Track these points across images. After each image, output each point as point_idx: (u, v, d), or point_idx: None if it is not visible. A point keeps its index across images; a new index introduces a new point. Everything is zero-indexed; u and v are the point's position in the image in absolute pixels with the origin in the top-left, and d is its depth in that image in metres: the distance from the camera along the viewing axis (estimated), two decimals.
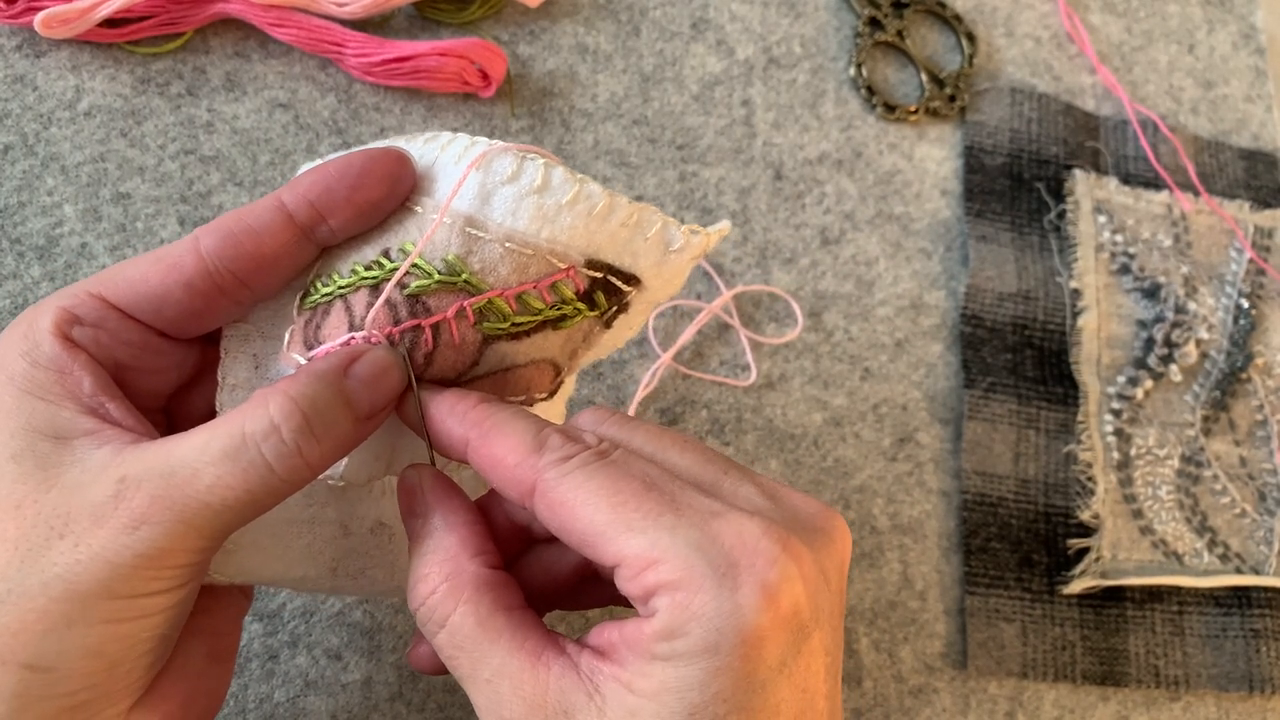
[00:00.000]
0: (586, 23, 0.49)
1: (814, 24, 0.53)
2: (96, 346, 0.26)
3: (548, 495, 0.25)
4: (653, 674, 0.23)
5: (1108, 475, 0.48)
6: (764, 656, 0.23)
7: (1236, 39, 0.60)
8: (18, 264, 0.39)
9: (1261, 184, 0.56)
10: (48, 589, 0.23)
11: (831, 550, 0.26)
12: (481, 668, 0.25)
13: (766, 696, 0.23)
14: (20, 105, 0.41)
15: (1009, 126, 0.53)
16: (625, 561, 0.24)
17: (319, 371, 0.26)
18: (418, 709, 0.38)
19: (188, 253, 0.26)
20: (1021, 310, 0.50)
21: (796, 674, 0.24)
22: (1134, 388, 0.49)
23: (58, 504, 0.24)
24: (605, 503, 0.24)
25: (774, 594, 0.23)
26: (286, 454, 0.24)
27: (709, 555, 0.23)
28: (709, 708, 0.23)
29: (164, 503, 0.24)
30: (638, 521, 0.24)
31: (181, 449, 0.24)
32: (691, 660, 0.23)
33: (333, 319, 0.28)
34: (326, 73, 0.45)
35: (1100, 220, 0.52)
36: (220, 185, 0.42)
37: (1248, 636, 0.47)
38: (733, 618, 0.23)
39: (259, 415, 0.24)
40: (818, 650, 0.25)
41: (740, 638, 0.23)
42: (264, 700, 0.37)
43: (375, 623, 0.38)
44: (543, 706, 0.24)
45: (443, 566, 0.26)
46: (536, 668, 0.24)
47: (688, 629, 0.23)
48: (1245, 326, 0.51)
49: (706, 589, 0.23)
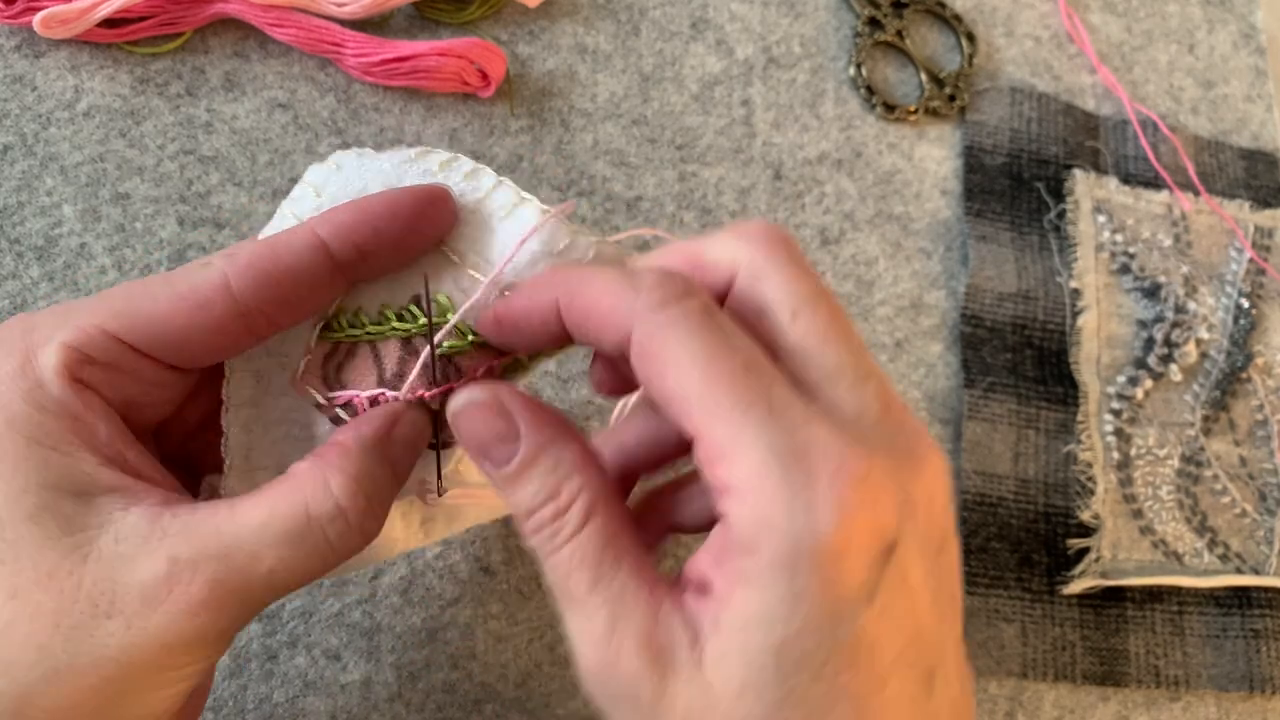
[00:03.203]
0: (586, 23, 0.49)
1: (813, 24, 0.53)
2: (110, 388, 0.24)
3: (642, 343, 0.22)
4: (736, 604, 0.21)
5: (1108, 475, 0.47)
6: (845, 579, 0.21)
7: (1237, 38, 0.60)
8: (17, 264, 0.39)
9: (1261, 184, 0.56)
10: (99, 668, 0.22)
11: (920, 479, 0.23)
12: (598, 591, 0.23)
13: (858, 631, 0.21)
14: (19, 105, 0.41)
15: (1009, 126, 0.53)
16: (702, 440, 0.22)
17: (369, 443, 0.25)
18: (417, 709, 0.38)
19: (216, 291, 0.24)
20: (1021, 310, 0.50)
21: (890, 608, 0.22)
22: (1134, 387, 0.49)
23: (99, 579, 0.22)
24: (699, 372, 0.22)
25: (851, 511, 0.21)
26: (350, 534, 0.24)
27: (786, 462, 0.21)
28: (797, 643, 0.21)
29: (224, 588, 0.23)
30: (725, 405, 0.21)
31: (237, 528, 0.23)
32: (772, 581, 0.21)
33: (359, 364, 0.27)
34: (326, 73, 0.45)
35: (1100, 220, 0.52)
36: (219, 185, 0.42)
37: (1248, 636, 0.47)
38: (807, 531, 0.21)
39: (323, 497, 0.23)
40: (910, 581, 0.22)
41: (816, 555, 0.21)
42: (263, 701, 0.37)
43: (374, 623, 0.38)
44: (650, 641, 0.22)
45: (569, 480, 0.23)
46: (652, 600, 0.22)
47: (760, 541, 0.21)
48: (1245, 326, 0.51)
49: (779, 498, 0.21)
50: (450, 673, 0.38)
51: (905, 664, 0.22)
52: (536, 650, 0.40)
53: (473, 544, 0.40)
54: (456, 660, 0.39)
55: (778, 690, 0.21)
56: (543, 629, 0.40)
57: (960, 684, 0.24)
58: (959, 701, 0.24)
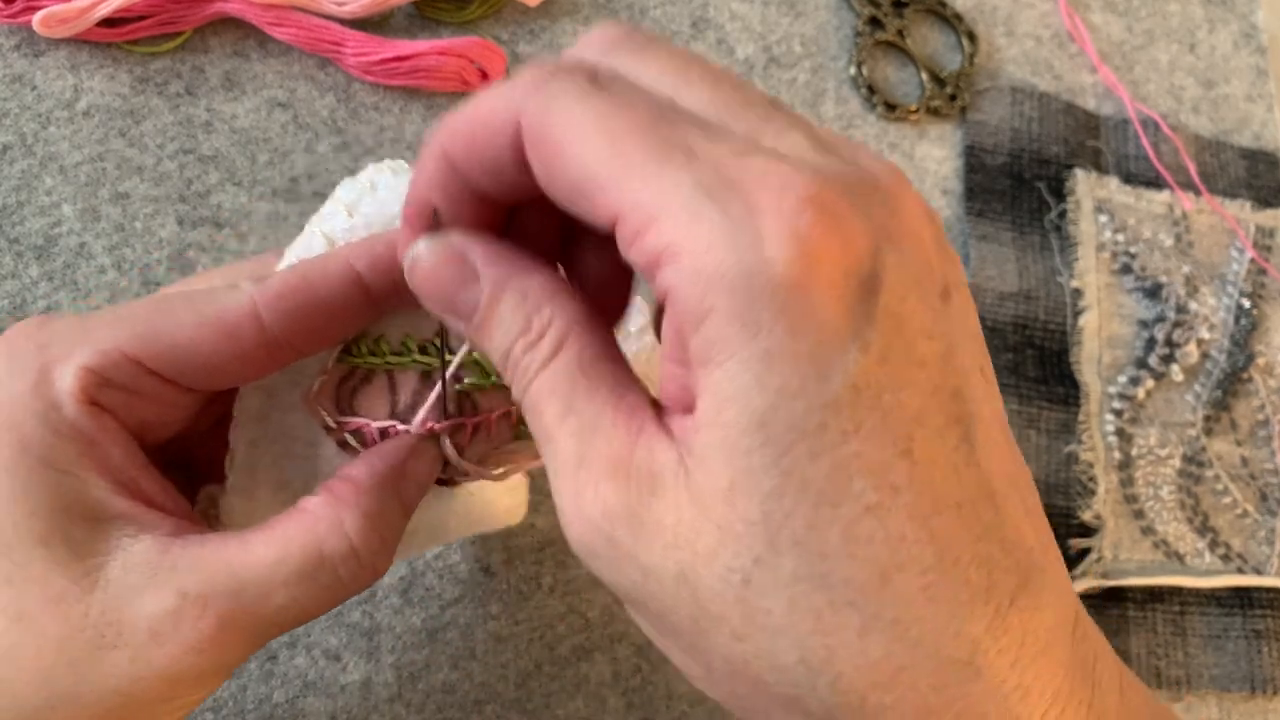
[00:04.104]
0: (586, 22, 0.49)
1: (814, 23, 0.53)
2: (126, 411, 0.23)
3: (533, 134, 0.19)
4: (707, 392, 0.18)
5: (1109, 475, 0.47)
6: (818, 316, 0.17)
7: (1238, 38, 0.60)
8: (16, 264, 0.39)
9: (1263, 183, 0.56)
10: (104, 700, 0.22)
11: (896, 212, 0.19)
12: (569, 420, 0.20)
13: (855, 379, 0.17)
14: (19, 105, 0.41)
15: (1010, 126, 0.53)
16: (624, 216, 0.18)
17: (383, 480, 0.24)
18: (417, 710, 0.38)
19: (245, 319, 0.23)
20: (1022, 310, 0.50)
21: (891, 352, 0.17)
22: (1135, 387, 0.49)
23: (105, 609, 0.22)
24: (601, 139, 0.18)
25: (806, 235, 0.17)
26: (362, 573, 0.24)
27: (720, 199, 0.17)
28: (782, 411, 0.17)
29: (234, 625, 0.22)
30: (639, 163, 0.18)
31: (248, 564, 0.22)
32: (735, 344, 0.17)
33: (373, 391, 0.26)
34: (325, 72, 0.45)
35: (1101, 220, 0.51)
36: (219, 185, 0.42)
37: (1249, 637, 0.47)
38: (759, 269, 0.17)
39: (337, 537, 0.23)
40: (910, 324, 0.18)
41: (776, 296, 0.17)
42: (263, 701, 0.37)
43: (374, 623, 0.38)
44: (626, 464, 0.19)
45: (538, 311, 0.21)
46: (630, 425, 0.19)
47: (708, 301, 0.17)
48: (1246, 326, 0.51)
49: (718, 245, 0.17)
50: (450, 673, 0.38)
51: (931, 424, 0.18)
52: (536, 650, 0.39)
53: (473, 544, 0.40)
54: (456, 660, 0.39)
55: (772, 476, 0.17)
56: (543, 629, 0.40)
57: (1010, 451, 0.20)
58: (1014, 475, 0.19)
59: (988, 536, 0.18)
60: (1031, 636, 0.19)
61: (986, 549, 0.18)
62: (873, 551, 0.17)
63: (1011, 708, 0.18)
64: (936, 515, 0.18)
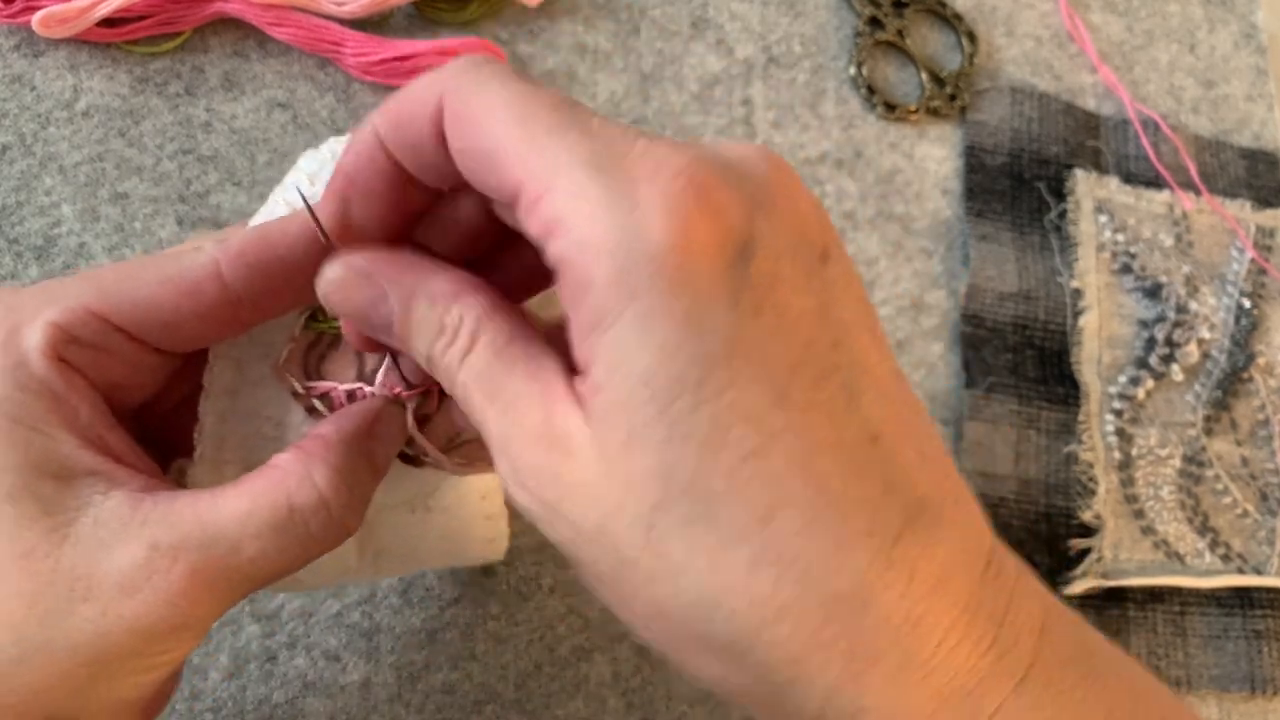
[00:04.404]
0: (586, 22, 0.49)
1: (814, 23, 0.53)
2: (93, 369, 0.24)
3: (452, 109, 0.21)
4: (599, 357, 0.19)
5: (1109, 475, 0.47)
6: (694, 281, 0.18)
7: (1238, 38, 0.60)
8: (15, 264, 0.39)
9: (1263, 183, 0.56)
10: (75, 653, 0.22)
11: (769, 186, 0.20)
12: (496, 399, 0.21)
13: (730, 337, 0.18)
14: (18, 105, 0.41)
15: (1010, 126, 0.53)
16: (524, 187, 0.20)
17: (351, 438, 0.25)
18: (417, 710, 0.38)
19: (207, 277, 0.24)
20: (1022, 310, 0.49)
21: (764, 310, 0.19)
22: (1135, 387, 0.49)
23: (75, 563, 0.22)
24: (511, 113, 0.20)
25: (681, 204, 0.18)
26: (331, 525, 0.24)
27: (604, 171, 0.19)
28: (664, 367, 0.18)
29: (203, 577, 0.22)
30: (541, 135, 0.19)
31: (219, 517, 0.23)
32: (617, 310, 0.18)
33: (340, 357, 0.27)
34: (325, 72, 0.45)
35: (1101, 220, 0.51)
36: (218, 185, 0.42)
37: (1249, 637, 0.47)
38: (636, 238, 0.18)
39: (306, 489, 0.23)
40: (785, 286, 0.19)
41: (654, 262, 0.18)
42: (263, 701, 0.37)
43: (374, 624, 0.38)
44: (547, 433, 0.20)
45: (448, 311, 0.22)
46: (546, 397, 0.20)
47: (592, 269, 0.19)
48: (1247, 326, 0.51)
49: (600, 215, 0.18)
50: (450, 673, 0.38)
51: (808, 374, 0.19)
52: (536, 650, 0.39)
53: None
54: (456, 661, 0.39)
55: (660, 427, 0.18)
56: (543, 629, 0.40)
57: (904, 401, 0.21)
58: (908, 423, 0.21)
59: (868, 476, 0.19)
60: (922, 574, 0.19)
61: (867, 489, 0.19)
62: (754, 493, 0.19)
63: (902, 640, 0.19)
64: (815, 457, 0.19)
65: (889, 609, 0.19)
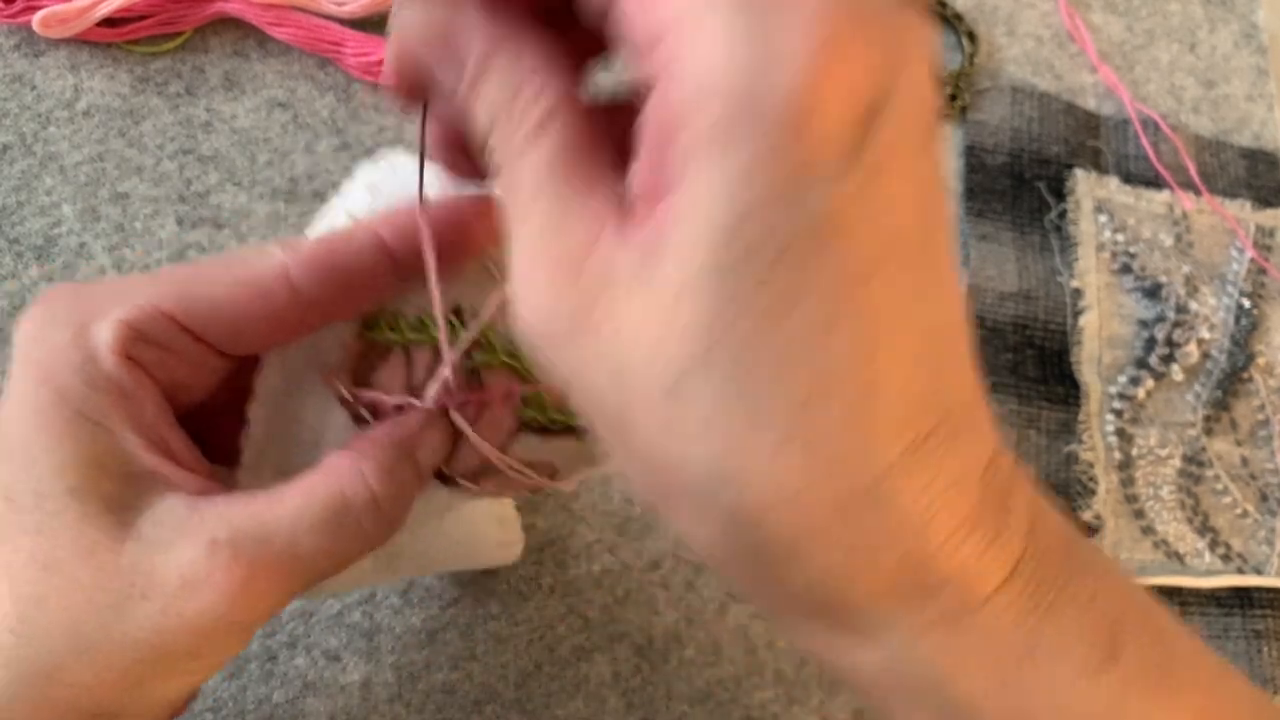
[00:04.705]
0: None
1: None
2: (159, 369, 0.24)
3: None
4: (676, 196, 0.17)
5: (1109, 475, 0.47)
6: (815, 144, 0.16)
7: (1238, 38, 0.60)
8: (15, 264, 0.39)
9: (1263, 183, 0.56)
10: (132, 649, 0.22)
11: (906, 43, 0.17)
12: (537, 201, 0.19)
13: (830, 209, 0.17)
14: (18, 105, 0.41)
15: (1010, 125, 0.53)
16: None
17: (398, 442, 0.25)
18: (417, 710, 0.38)
19: (277, 280, 0.24)
20: (1022, 310, 0.50)
21: (869, 192, 0.17)
22: (1135, 387, 0.49)
23: (137, 560, 0.22)
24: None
25: (827, 59, 0.16)
26: (381, 521, 0.24)
27: (748, 11, 0.16)
28: (750, 223, 0.16)
29: (263, 572, 0.22)
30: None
31: (274, 514, 0.23)
32: (721, 150, 0.16)
33: (390, 367, 0.27)
34: (325, 72, 0.45)
35: (1101, 219, 0.51)
36: (219, 185, 0.42)
37: (1249, 637, 0.47)
38: (766, 73, 0.16)
39: (359, 485, 0.24)
40: (894, 168, 0.17)
41: (778, 111, 0.16)
42: (263, 701, 0.37)
43: (374, 624, 0.38)
44: (581, 262, 0.18)
45: (530, 78, 0.19)
46: (594, 220, 0.18)
47: (705, 101, 0.16)
48: (1247, 326, 0.51)
49: (722, 31, 0.16)
50: (450, 673, 0.38)
51: (892, 265, 0.18)
52: (536, 650, 0.39)
53: None
54: (456, 661, 0.39)
55: (725, 284, 0.17)
56: (543, 629, 0.40)
57: (959, 304, 0.20)
58: (957, 320, 0.20)
59: (918, 378, 0.19)
60: (945, 470, 0.19)
61: (916, 388, 0.18)
62: (801, 376, 0.17)
63: (907, 535, 0.19)
64: (877, 351, 0.18)
65: (906, 506, 0.19)
